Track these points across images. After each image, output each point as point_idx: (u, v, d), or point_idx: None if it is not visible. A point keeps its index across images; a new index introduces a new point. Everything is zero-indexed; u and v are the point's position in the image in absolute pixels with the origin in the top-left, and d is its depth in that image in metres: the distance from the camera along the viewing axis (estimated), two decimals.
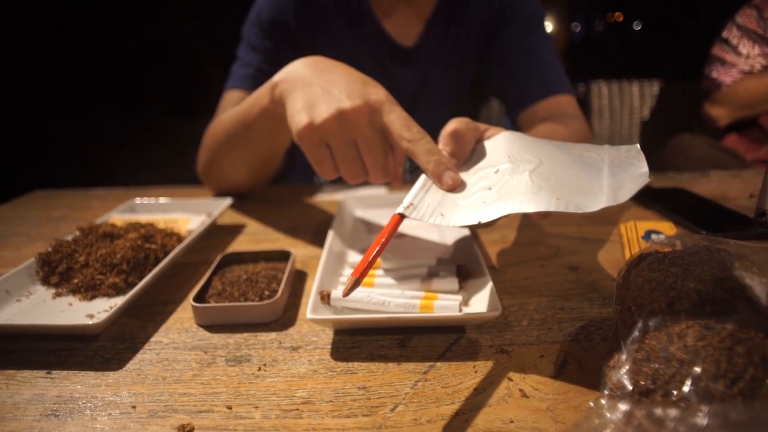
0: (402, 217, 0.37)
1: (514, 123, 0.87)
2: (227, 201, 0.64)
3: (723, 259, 0.31)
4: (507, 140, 0.42)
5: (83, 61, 3.17)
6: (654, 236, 0.53)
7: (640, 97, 1.71)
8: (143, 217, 0.62)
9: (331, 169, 0.46)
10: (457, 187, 0.39)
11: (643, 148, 0.38)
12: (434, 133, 0.44)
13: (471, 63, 0.87)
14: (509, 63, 0.83)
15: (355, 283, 0.31)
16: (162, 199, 0.66)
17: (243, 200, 0.74)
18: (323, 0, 0.84)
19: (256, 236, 0.61)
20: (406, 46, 0.85)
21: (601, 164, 0.37)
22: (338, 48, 0.84)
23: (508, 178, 0.37)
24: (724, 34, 1.30)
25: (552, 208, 0.31)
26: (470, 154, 0.44)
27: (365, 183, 0.78)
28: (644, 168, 0.34)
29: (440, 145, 0.43)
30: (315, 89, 0.45)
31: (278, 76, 0.50)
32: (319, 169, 0.46)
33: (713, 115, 1.29)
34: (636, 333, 0.28)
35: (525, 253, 0.52)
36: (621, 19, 5.26)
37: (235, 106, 0.66)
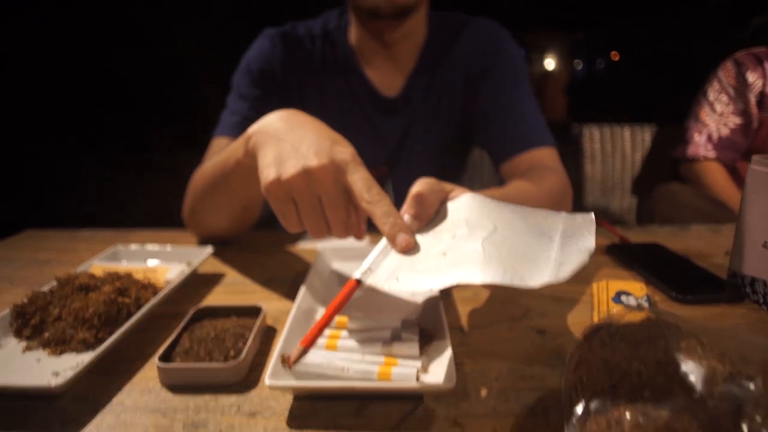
0: (358, 282, 0.38)
1: (496, 171, 0.89)
2: (208, 250, 0.65)
3: (670, 338, 0.31)
4: (468, 204, 0.44)
5: (89, 94, 3.26)
6: (624, 298, 0.53)
7: (631, 141, 1.74)
8: (124, 265, 0.63)
9: (296, 223, 0.47)
10: (410, 249, 0.41)
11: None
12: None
13: (455, 114, 0.90)
14: (491, 115, 0.85)
15: (303, 352, 0.32)
16: (145, 246, 0.67)
17: (225, 246, 0.75)
18: (310, 52, 0.87)
19: (234, 287, 0.61)
20: (389, 97, 0.87)
21: (554, 233, 0.38)
22: (325, 98, 0.87)
23: (462, 244, 0.38)
24: (706, 86, 1.35)
25: (497, 281, 0.32)
26: (434, 215, 0.46)
27: None
28: (590, 242, 0.36)
29: (405, 207, 0.44)
30: (285, 145, 0.47)
31: (252, 129, 0.51)
32: (283, 222, 0.48)
33: (680, 172, 1.38)
34: (578, 415, 0.29)
35: (495, 312, 0.52)
36: (617, 58, 5.39)
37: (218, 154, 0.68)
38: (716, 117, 1.31)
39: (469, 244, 0.37)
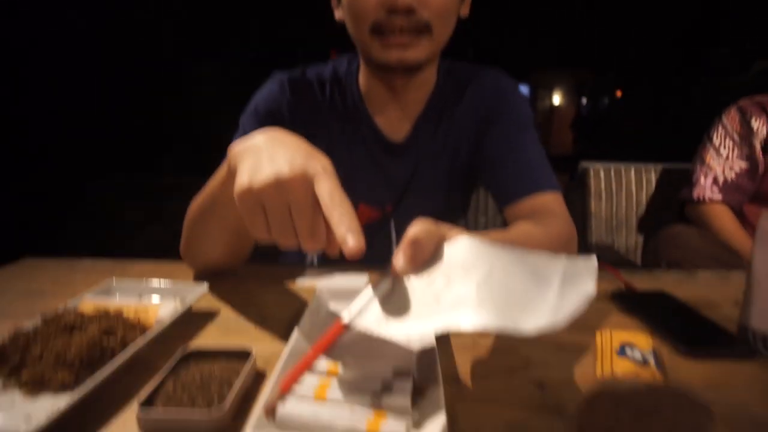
0: (345, 327, 0.36)
1: (500, 214, 0.88)
2: (203, 288, 0.64)
3: (678, 410, 0.29)
4: (465, 248, 0.42)
5: (101, 117, 3.33)
6: (629, 351, 0.51)
7: (636, 181, 1.73)
8: (117, 300, 0.61)
9: (264, 231, 0.47)
10: (359, 252, 0.39)
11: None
12: None
13: (460, 158, 0.90)
14: (496, 160, 0.85)
15: (281, 397, 0.30)
16: (140, 281, 0.66)
17: (222, 280, 0.73)
18: (318, 97, 0.88)
19: (227, 326, 0.60)
20: (396, 141, 0.88)
21: (553, 278, 0.37)
22: (332, 142, 0.88)
23: (456, 288, 0.36)
24: (711, 131, 1.35)
25: (490, 326, 0.31)
26: (431, 258, 0.44)
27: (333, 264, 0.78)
28: (590, 287, 0.34)
29: (399, 250, 0.43)
30: (262, 155, 0.47)
31: (235, 145, 0.52)
32: (251, 229, 0.47)
33: (687, 213, 1.37)
34: None
35: (493, 362, 0.50)
36: (620, 95, 5.45)
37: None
38: (722, 161, 1.31)
39: (463, 287, 0.36)
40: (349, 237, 0.41)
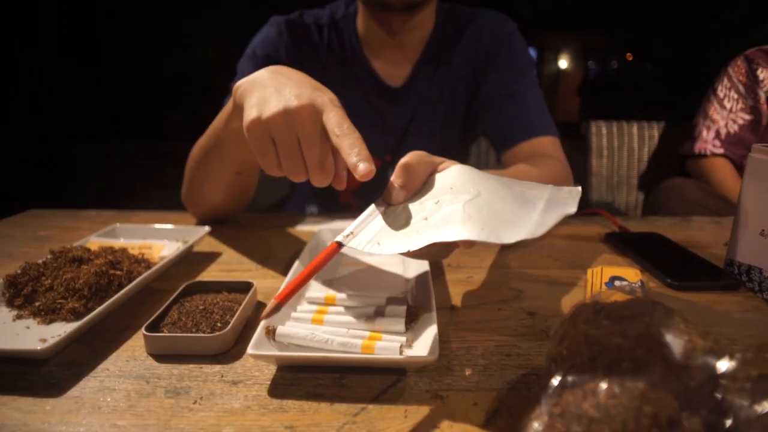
0: (339, 245, 0.38)
1: (499, 161, 0.88)
2: (205, 229, 0.66)
3: (654, 314, 0.31)
4: (455, 173, 0.43)
5: (109, 86, 3.30)
6: (617, 282, 0.53)
7: (639, 138, 1.72)
8: (121, 242, 0.63)
9: (274, 164, 0.47)
10: (370, 176, 0.40)
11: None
12: None
13: (459, 103, 0.90)
14: (495, 104, 0.85)
15: (276, 308, 0.32)
16: (144, 225, 0.68)
17: (223, 226, 0.75)
18: (316, 40, 0.87)
19: (229, 265, 0.62)
20: (394, 86, 0.87)
21: (538, 201, 0.38)
22: (329, 87, 0.87)
23: (444, 207, 0.38)
24: (716, 83, 1.33)
25: (473, 237, 0.32)
26: (423, 185, 0.45)
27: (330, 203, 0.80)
28: (572, 208, 0.35)
29: (393, 177, 0.44)
30: (269, 89, 0.48)
31: (241, 81, 0.52)
32: (262, 161, 0.48)
33: (687, 168, 1.37)
34: (555, 387, 0.28)
35: (486, 294, 0.52)
36: (631, 58, 5.32)
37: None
38: (725, 113, 1.29)
39: (451, 207, 0.37)
40: (361, 164, 0.41)
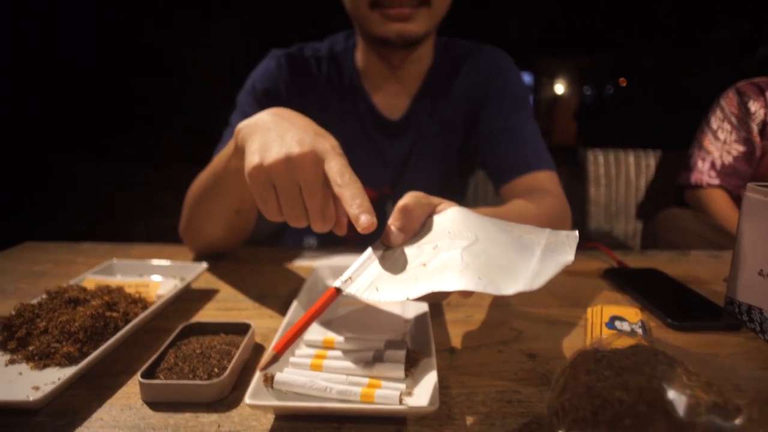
0: (338, 291, 0.37)
1: (497, 194, 0.89)
2: (202, 266, 0.65)
3: (656, 365, 0.30)
4: (452, 216, 0.44)
5: (104, 108, 3.33)
6: (618, 323, 0.52)
7: (635, 166, 1.74)
8: (117, 279, 0.63)
9: (275, 210, 0.47)
10: (371, 228, 0.41)
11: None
12: None
13: (457, 136, 0.91)
14: (492, 138, 0.86)
15: (274, 359, 0.31)
16: (141, 261, 0.68)
17: (220, 261, 0.75)
18: (316, 75, 0.88)
19: (226, 303, 0.61)
20: (393, 119, 0.88)
21: (536, 248, 0.38)
22: (329, 120, 0.88)
23: (442, 254, 0.38)
24: (709, 115, 1.35)
25: (471, 288, 0.32)
26: (420, 227, 0.45)
27: (335, 245, 0.79)
28: (569, 256, 0.36)
29: (391, 219, 0.44)
30: (271, 134, 0.48)
31: (242, 123, 0.52)
32: (263, 208, 0.48)
33: (684, 198, 1.38)
34: None
35: (486, 335, 0.52)
36: (624, 84, 5.41)
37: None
38: (719, 145, 1.31)
39: (449, 253, 0.37)
40: (363, 217, 0.41)
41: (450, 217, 0.43)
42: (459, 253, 0.36)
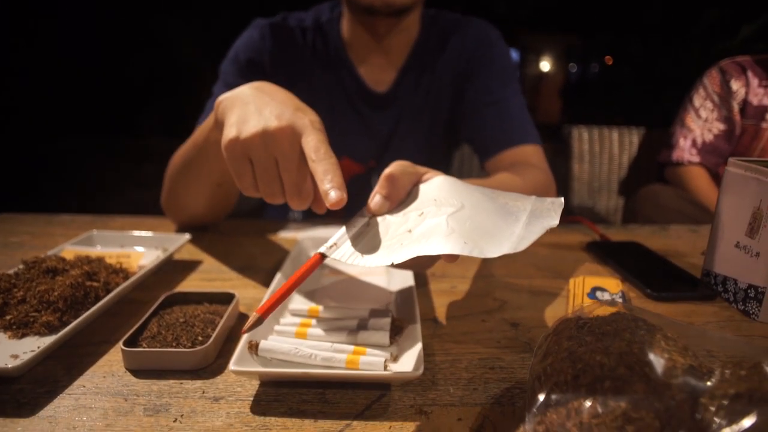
0: (322, 257, 0.37)
1: (482, 168, 0.89)
2: (185, 237, 0.64)
3: (636, 331, 0.31)
4: (438, 184, 0.43)
5: (83, 80, 3.22)
6: (599, 294, 0.53)
7: (619, 143, 1.75)
8: (98, 250, 0.61)
9: (251, 185, 0.47)
10: (341, 204, 0.40)
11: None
12: None
13: (443, 110, 0.90)
14: (478, 112, 0.85)
15: (258, 321, 0.31)
16: (121, 232, 0.66)
17: (203, 233, 0.74)
18: (301, 45, 0.86)
19: (210, 274, 0.61)
20: (379, 92, 0.87)
21: (521, 214, 0.38)
22: (314, 91, 0.87)
23: (428, 220, 0.38)
24: (692, 93, 1.36)
25: (456, 252, 0.32)
26: (407, 196, 0.45)
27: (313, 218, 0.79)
28: (554, 220, 0.36)
29: (377, 188, 0.44)
30: (250, 107, 0.47)
31: (223, 96, 0.51)
32: (239, 183, 0.47)
33: (665, 175, 1.40)
34: (540, 404, 0.29)
35: (470, 305, 0.52)
36: (611, 63, 5.41)
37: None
38: (701, 123, 1.33)
39: (434, 219, 0.37)
40: (332, 192, 0.41)
41: (436, 185, 0.43)
42: (445, 219, 0.36)
